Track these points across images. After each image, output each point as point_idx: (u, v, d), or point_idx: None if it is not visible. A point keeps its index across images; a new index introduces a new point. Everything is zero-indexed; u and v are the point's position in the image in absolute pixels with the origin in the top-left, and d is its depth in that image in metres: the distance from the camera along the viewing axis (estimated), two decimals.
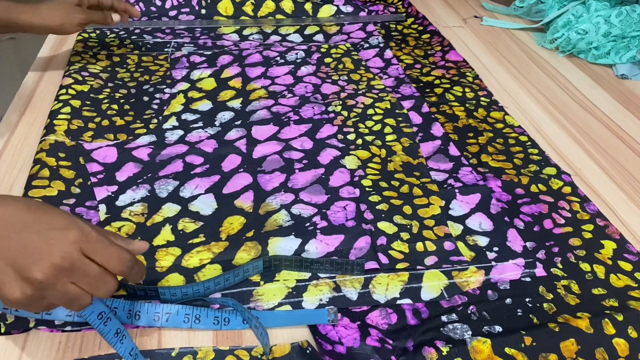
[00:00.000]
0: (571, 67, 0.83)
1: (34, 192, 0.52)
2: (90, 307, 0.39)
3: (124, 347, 0.39)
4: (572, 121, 0.70)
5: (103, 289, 0.33)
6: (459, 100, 0.72)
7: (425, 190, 0.56)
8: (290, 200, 0.54)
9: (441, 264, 0.47)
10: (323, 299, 0.44)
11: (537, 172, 0.59)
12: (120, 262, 0.33)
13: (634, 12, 0.81)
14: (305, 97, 0.72)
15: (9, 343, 0.40)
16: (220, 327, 0.42)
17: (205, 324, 0.41)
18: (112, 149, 0.59)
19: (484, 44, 0.90)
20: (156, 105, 0.69)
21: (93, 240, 0.32)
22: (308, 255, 0.48)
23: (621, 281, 0.47)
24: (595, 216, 0.53)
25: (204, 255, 0.47)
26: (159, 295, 0.42)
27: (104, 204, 0.52)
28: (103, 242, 0.33)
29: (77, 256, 0.32)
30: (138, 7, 0.94)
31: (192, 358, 0.40)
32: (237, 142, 0.62)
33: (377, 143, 0.63)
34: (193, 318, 0.41)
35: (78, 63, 0.76)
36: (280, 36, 0.90)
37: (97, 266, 0.33)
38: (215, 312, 0.42)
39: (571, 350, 0.40)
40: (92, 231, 0.33)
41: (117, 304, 0.41)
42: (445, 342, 0.40)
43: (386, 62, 0.81)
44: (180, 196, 0.54)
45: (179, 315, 0.41)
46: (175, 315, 0.41)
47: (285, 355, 0.40)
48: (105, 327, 0.39)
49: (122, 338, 0.39)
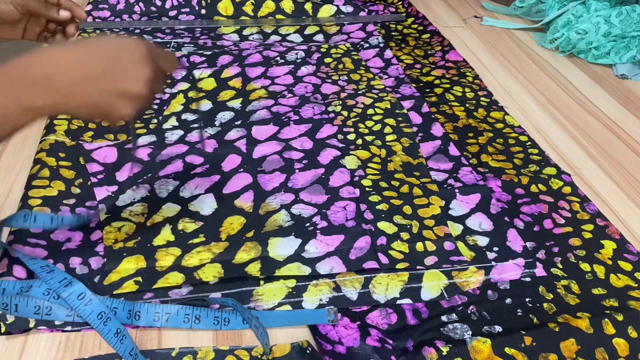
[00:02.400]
0: (571, 67, 0.83)
1: (34, 192, 0.52)
2: (90, 307, 0.39)
3: (124, 347, 0.39)
4: (572, 121, 0.70)
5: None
6: (459, 100, 0.72)
7: (425, 190, 0.56)
8: (290, 200, 0.54)
9: (441, 264, 0.47)
10: (323, 299, 0.44)
11: (537, 172, 0.59)
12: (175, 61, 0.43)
13: (634, 12, 0.81)
14: (305, 97, 0.72)
15: (9, 343, 0.40)
16: (220, 327, 0.42)
17: (206, 324, 0.41)
18: (112, 149, 0.59)
19: (484, 44, 0.90)
20: (156, 105, 0.69)
21: (156, 51, 0.40)
22: (308, 255, 0.48)
23: (621, 281, 0.47)
24: (595, 216, 0.53)
25: (204, 255, 0.47)
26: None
27: (104, 204, 0.52)
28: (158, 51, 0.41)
29: (154, 65, 0.39)
30: (138, 7, 0.94)
31: (192, 358, 0.40)
32: (237, 142, 0.62)
33: (377, 143, 0.63)
34: (193, 318, 0.41)
35: None
36: (280, 36, 0.90)
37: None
38: (215, 312, 0.42)
39: (571, 350, 0.40)
40: (151, 44, 0.40)
41: (116, 304, 0.41)
42: (445, 342, 0.40)
43: (386, 62, 0.81)
44: (180, 196, 0.54)
45: (179, 316, 0.41)
46: (175, 315, 0.41)
47: (285, 355, 0.40)
48: (105, 327, 0.39)
49: (122, 338, 0.39)
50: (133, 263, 0.46)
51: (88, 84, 0.37)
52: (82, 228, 0.49)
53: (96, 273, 0.45)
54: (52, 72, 0.36)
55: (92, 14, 0.93)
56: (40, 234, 0.48)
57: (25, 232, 0.48)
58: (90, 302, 0.40)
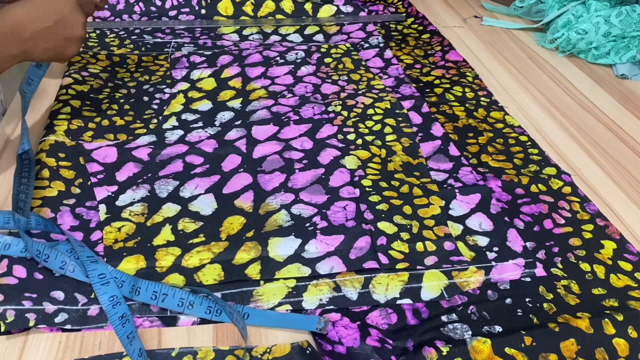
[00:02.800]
0: (571, 67, 0.83)
1: (33, 192, 0.52)
2: (105, 288, 0.42)
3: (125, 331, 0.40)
4: (572, 121, 0.70)
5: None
6: (459, 100, 0.72)
7: (425, 190, 0.56)
8: (290, 200, 0.54)
9: (441, 264, 0.47)
10: (323, 299, 0.44)
11: (537, 172, 0.59)
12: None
13: (634, 12, 0.81)
14: (305, 97, 0.72)
15: (9, 343, 0.40)
16: (212, 316, 0.42)
17: (198, 311, 0.42)
18: (112, 149, 0.59)
19: (484, 44, 0.90)
20: (156, 105, 0.69)
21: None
22: (308, 255, 0.48)
23: (621, 281, 0.47)
24: (595, 216, 0.53)
25: (204, 255, 0.47)
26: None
27: (104, 204, 0.52)
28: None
29: (85, 9, 0.54)
30: (138, 7, 0.94)
31: (192, 358, 0.40)
32: (237, 142, 0.62)
33: (377, 143, 0.63)
34: (187, 303, 0.42)
35: (78, 63, 0.76)
36: (280, 36, 0.90)
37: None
38: (209, 301, 0.42)
39: (571, 350, 0.40)
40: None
41: (125, 277, 0.43)
42: (445, 342, 0.40)
43: (386, 62, 0.81)
44: (180, 196, 0.54)
45: (174, 298, 0.42)
46: (171, 297, 0.42)
47: (285, 355, 0.40)
48: (112, 310, 0.41)
49: (126, 322, 0.40)
50: (133, 263, 0.46)
51: (46, 33, 0.50)
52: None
53: None
54: (20, 27, 0.49)
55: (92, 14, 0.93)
56: (40, 233, 0.48)
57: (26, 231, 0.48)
58: (108, 283, 0.43)
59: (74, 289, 0.43)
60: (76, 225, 0.50)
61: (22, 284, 0.43)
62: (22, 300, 0.42)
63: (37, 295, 0.42)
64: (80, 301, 0.43)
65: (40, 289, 0.43)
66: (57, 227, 0.48)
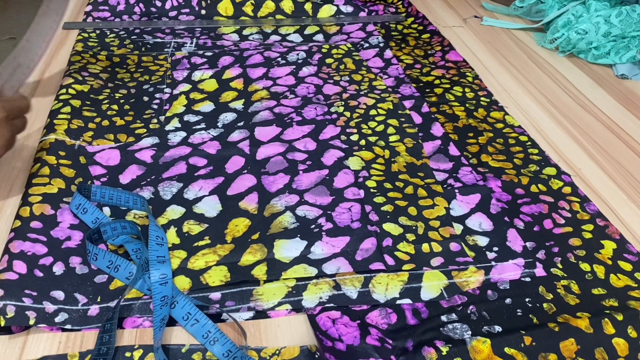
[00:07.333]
0: (571, 67, 0.83)
1: (34, 189, 0.52)
2: (162, 287, 0.43)
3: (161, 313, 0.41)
4: (572, 121, 0.70)
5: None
6: (459, 100, 0.72)
7: (430, 191, 0.56)
8: (295, 201, 0.54)
9: (447, 265, 0.48)
10: (323, 297, 0.44)
11: (537, 172, 0.59)
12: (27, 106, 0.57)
13: (634, 12, 0.81)
14: (308, 97, 0.72)
15: (9, 343, 0.41)
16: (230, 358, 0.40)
17: (218, 351, 0.40)
18: (115, 152, 0.60)
19: (484, 44, 0.90)
20: (156, 105, 0.69)
21: (9, 110, 0.53)
22: (314, 257, 0.48)
23: (621, 281, 0.47)
24: (595, 216, 0.54)
25: (209, 257, 0.48)
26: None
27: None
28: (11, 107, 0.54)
29: (10, 125, 0.54)
30: (138, 7, 0.94)
31: (202, 355, 0.40)
32: (240, 143, 0.63)
33: (381, 144, 0.63)
34: (212, 338, 0.41)
35: (78, 63, 0.77)
36: (280, 36, 0.90)
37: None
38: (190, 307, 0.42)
39: (571, 350, 0.41)
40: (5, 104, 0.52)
41: (176, 291, 0.44)
42: (445, 342, 0.41)
43: (386, 62, 0.82)
44: (184, 198, 0.54)
45: (203, 328, 0.41)
46: (200, 327, 0.41)
47: (294, 359, 0.40)
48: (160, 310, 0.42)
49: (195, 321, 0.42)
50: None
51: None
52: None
53: (96, 273, 0.45)
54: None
55: (92, 15, 0.93)
56: (40, 230, 0.48)
57: (26, 227, 0.48)
58: (166, 284, 0.43)
59: (74, 289, 0.44)
60: (76, 224, 0.50)
61: (22, 280, 0.43)
62: (22, 297, 0.42)
63: (37, 293, 0.43)
64: (81, 301, 0.43)
65: (40, 288, 0.43)
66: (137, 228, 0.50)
